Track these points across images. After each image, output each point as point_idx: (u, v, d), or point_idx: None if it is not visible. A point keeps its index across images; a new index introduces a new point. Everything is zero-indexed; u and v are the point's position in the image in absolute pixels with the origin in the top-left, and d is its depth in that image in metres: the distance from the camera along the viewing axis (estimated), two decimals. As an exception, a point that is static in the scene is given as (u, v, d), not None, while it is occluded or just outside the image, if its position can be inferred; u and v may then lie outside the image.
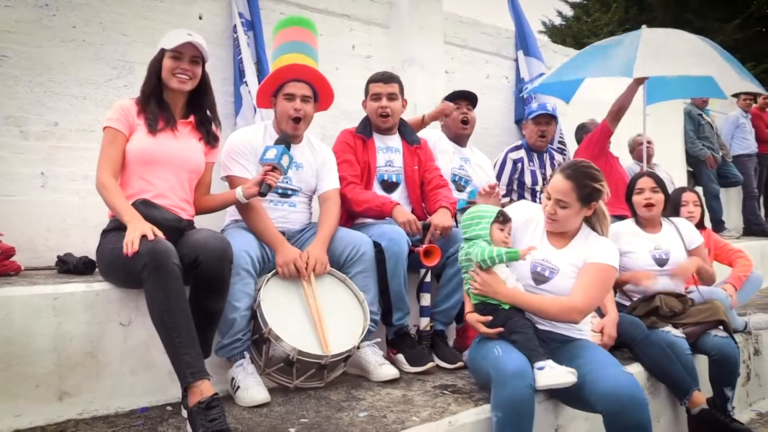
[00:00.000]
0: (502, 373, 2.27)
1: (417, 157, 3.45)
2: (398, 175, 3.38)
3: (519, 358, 2.32)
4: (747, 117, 8.05)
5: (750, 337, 3.98)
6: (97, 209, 3.36)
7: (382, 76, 3.42)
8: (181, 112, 2.72)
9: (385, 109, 3.34)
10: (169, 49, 2.60)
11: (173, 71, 2.61)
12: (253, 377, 2.53)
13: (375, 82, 3.42)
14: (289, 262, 2.72)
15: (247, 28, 4.13)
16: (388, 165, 3.38)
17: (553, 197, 2.56)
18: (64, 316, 2.35)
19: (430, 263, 2.94)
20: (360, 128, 3.41)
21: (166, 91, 2.66)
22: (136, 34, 3.79)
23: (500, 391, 2.25)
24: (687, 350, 3.13)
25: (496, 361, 2.33)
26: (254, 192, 2.67)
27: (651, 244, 3.41)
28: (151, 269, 2.15)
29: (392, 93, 3.37)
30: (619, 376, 2.30)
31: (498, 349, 2.39)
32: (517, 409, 2.22)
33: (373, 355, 2.84)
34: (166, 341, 2.15)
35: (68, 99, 3.53)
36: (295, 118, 2.96)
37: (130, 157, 2.55)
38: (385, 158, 3.39)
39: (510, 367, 2.27)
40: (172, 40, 2.60)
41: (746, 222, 8.01)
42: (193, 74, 2.65)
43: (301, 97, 2.97)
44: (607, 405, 2.24)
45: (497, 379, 2.28)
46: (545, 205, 2.61)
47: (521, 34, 6.07)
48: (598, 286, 2.52)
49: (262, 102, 3.15)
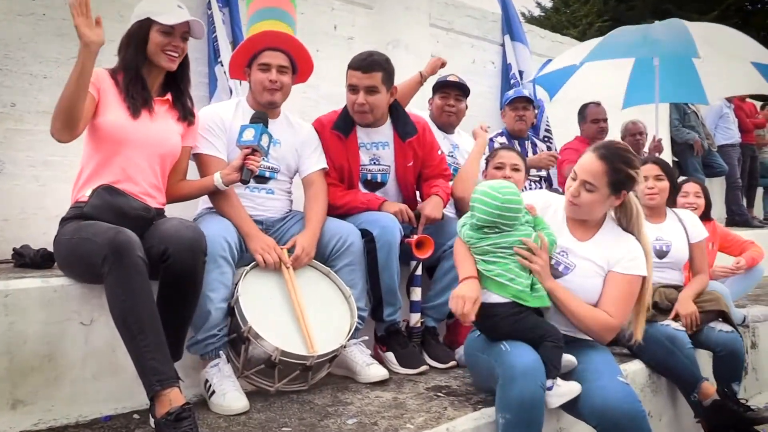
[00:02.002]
0: (510, 369, 2.06)
1: (412, 151, 3.03)
2: (384, 174, 3.03)
3: (530, 354, 2.11)
4: (730, 107, 8.06)
5: (747, 330, 3.87)
6: (59, 197, 3.13)
7: (362, 62, 2.85)
8: (157, 90, 2.48)
9: (363, 106, 2.86)
10: (162, 23, 2.34)
11: (164, 48, 2.36)
12: (230, 380, 2.31)
13: (353, 69, 2.87)
14: (270, 247, 2.51)
15: (222, 5, 3.90)
16: (373, 162, 3.01)
17: (579, 177, 2.29)
18: (16, 315, 2.11)
19: (422, 255, 2.73)
20: (339, 122, 2.96)
21: (146, 66, 2.40)
22: (103, 9, 3.46)
23: (509, 389, 2.04)
24: (688, 344, 2.98)
25: (504, 357, 2.12)
26: (235, 179, 2.44)
27: (653, 233, 3.24)
28: (112, 263, 1.93)
29: (371, 86, 2.84)
30: (613, 390, 2.12)
31: (505, 344, 2.17)
32: (528, 410, 2.03)
33: (360, 355, 2.63)
34: (129, 345, 1.92)
35: (27, 78, 3.26)
36: (270, 89, 2.71)
37: (104, 133, 2.30)
38: (368, 156, 3.01)
39: (520, 363, 2.06)
40: (163, 13, 2.35)
41: (729, 212, 7.99)
42: (182, 51, 2.42)
43: (277, 67, 2.72)
44: (599, 421, 2.09)
45: (505, 376, 2.07)
46: (569, 186, 2.36)
47: (507, 18, 5.92)
48: (630, 302, 2.32)
49: (234, 73, 2.91)
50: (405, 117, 3.04)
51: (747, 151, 8.25)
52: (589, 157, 2.30)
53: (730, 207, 7.98)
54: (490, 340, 2.27)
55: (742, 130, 8.07)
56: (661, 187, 3.24)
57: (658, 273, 3.20)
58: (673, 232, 3.26)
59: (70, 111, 2.13)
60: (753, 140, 8.37)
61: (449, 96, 3.62)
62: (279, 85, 2.72)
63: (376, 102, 2.87)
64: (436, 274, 2.97)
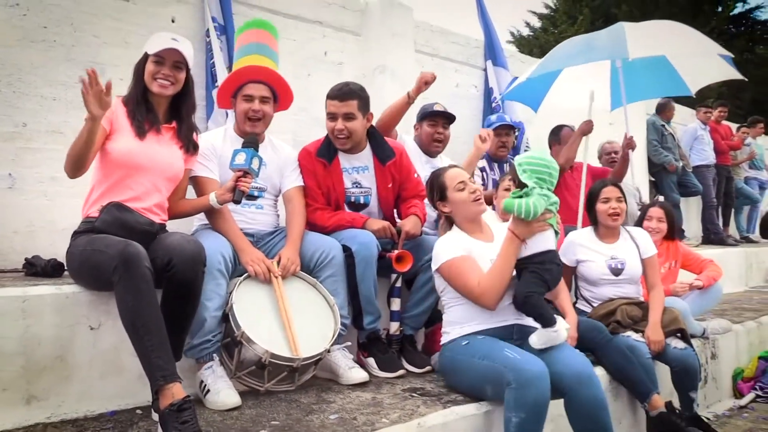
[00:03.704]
0: (525, 373, 2.33)
1: (391, 174, 3.25)
2: (366, 196, 3.26)
3: (539, 361, 2.41)
4: (705, 129, 8.30)
5: (707, 341, 4.12)
6: (66, 211, 3.37)
7: (339, 92, 3.09)
8: (164, 117, 2.72)
9: (342, 132, 3.08)
10: (151, 53, 2.60)
11: (154, 76, 2.61)
12: (223, 380, 2.54)
13: (331, 98, 3.11)
14: (259, 259, 2.75)
15: (220, 33, 4.14)
16: (355, 186, 3.23)
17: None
18: (32, 319, 2.33)
19: (401, 269, 2.98)
20: (322, 150, 3.16)
21: (151, 94, 2.65)
22: (108, 36, 3.78)
23: (524, 392, 2.31)
24: (647, 354, 3.24)
25: (516, 364, 2.38)
26: (228, 198, 2.68)
27: (608, 252, 3.51)
28: (122, 272, 2.15)
29: (349, 113, 3.07)
30: (573, 357, 2.56)
31: (509, 351, 2.45)
32: (540, 410, 2.33)
33: (343, 359, 2.87)
34: (137, 344, 2.15)
35: (37, 100, 3.50)
36: (252, 119, 2.98)
37: (113, 157, 2.53)
38: (351, 179, 3.22)
39: (535, 369, 2.35)
40: (154, 44, 2.60)
41: (705, 231, 8.26)
42: (176, 79, 2.64)
43: (260, 98, 2.99)
44: (565, 382, 2.45)
45: (519, 380, 2.33)
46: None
47: (490, 44, 6.19)
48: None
49: (222, 102, 3.17)
50: (383, 142, 3.28)
51: (722, 172, 8.50)
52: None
53: (706, 226, 8.25)
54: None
55: (718, 151, 8.32)
56: (622, 208, 3.50)
57: (614, 288, 3.49)
58: (626, 250, 3.52)
59: (79, 160, 2.40)
60: (728, 161, 8.62)
61: (437, 124, 3.87)
62: (261, 114, 2.99)
63: (354, 127, 3.10)
64: (414, 286, 3.20)
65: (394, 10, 5.24)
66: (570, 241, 3.58)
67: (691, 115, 8.87)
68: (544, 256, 2.57)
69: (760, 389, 4.28)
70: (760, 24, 18.95)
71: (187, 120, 2.76)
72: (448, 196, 2.81)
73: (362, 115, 3.14)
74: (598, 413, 2.47)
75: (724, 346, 4.30)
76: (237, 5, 4.30)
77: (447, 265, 2.67)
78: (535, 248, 2.57)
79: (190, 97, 2.77)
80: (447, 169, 2.91)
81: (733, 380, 4.43)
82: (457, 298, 2.73)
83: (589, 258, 3.51)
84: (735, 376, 4.44)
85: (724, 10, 18.04)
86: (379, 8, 5.15)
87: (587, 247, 3.54)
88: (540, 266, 2.56)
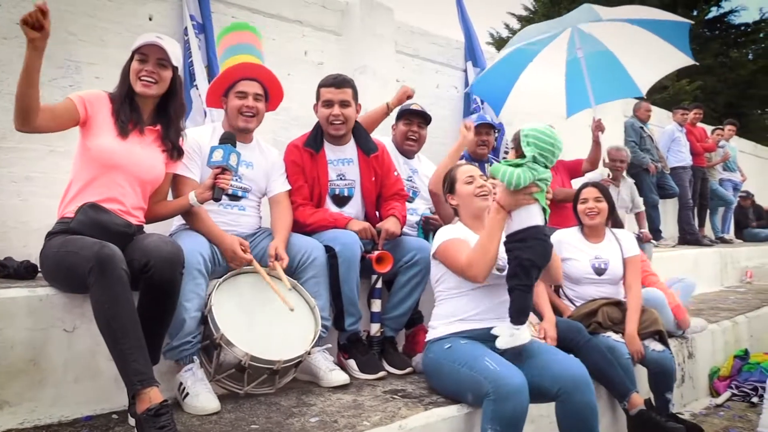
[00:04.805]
0: (504, 387, 2.32)
1: (374, 168, 3.32)
2: (350, 189, 3.28)
3: (518, 373, 2.39)
4: (682, 131, 8.39)
5: (685, 341, 4.16)
6: (39, 212, 3.29)
7: (335, 80, 3.21)
8: (149, 118, 2.67)
9: (338, 117, 3.18)
10: (134, 49, 2.55)
11: (138, 74, 2.55)
12: (203, 383, 2.50)
13: (326, 86, 3.21)
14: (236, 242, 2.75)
15: (198, 31, 4.09)
16: (340, 178, 3.27)
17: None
18: (4, 322, 2.28)
19: (381, 269, 2.97)
20: (309, 140, 3.23)
21: (136, 95, 2.60)
22: (84, 33, 3.70)
23: (502, 405, 2.30)
24: (626, 354, 3.27)
25: (494, 375, 2.37)
26: (207, 197, 2.65)
27: (592, 252, 3.55)
28: (98, 274, 2.11)
29: (345, 100, 3.19)
30: (568, 361, 2.60)
31: (489, 361, 2.43)
32: (518, 423, 2.33)
33: (323, 361, 2.85)
34: (112, 348, 2.10)
35: (9, 98, 3.35)
36: (246, 116, 2.97)
37: (93, 154, 2.48)
38: (336, 171, 3.26)
39: (513, 383, 2.33)
40: (138, 41, 2.56)
41: (681, 231, 8.36)
42: (159, 77, 2.57)
43: (254, 95, 2.99)
44: (560, 385, 2.46)
45: (498, 393, 2.32)
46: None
47: (470, 46, 6.20)
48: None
49: (212, 101, 3.14)
50: (366, 135, 3.38)
51: (698, 173, 8.61)
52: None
53: (682, 226, 8.35)
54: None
55: (693, 153, 8.43)
56: (600, 207, 3.54)
57: (596, 288, 3.52)
58: (609, 250, 3.56)
59: (19, 101, 2.27)
60: (703, 163, 8.73)
61: (412, 123, 3.85)
62: (255, 111, 2.98)
63: (349, 114, 3.21)
64: (394, 287, 3.19)
65: (375, 10, 5.23)
66: (557, 239, 3.60)
67: (667, 117, 8.98)
68: (525, 233, 2.48)
69: (735, 388, 4.34)
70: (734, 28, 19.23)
71: (175, 122, 2.71)
72: (456, 189, 2.85)
73: (355, 103, 3.26)
74: (590, 419, 2.48)
75: (701, 346, 4.36)
76: (215, 3, 4.25)
77: (443, 247, 2.69)
78: (520, 224, 2.50)
79: (178, 98, 2.71)
80: (462, 164, 2.94)
81: (709, 379, 4.50)
82: (449, 290, 2.73)
83: (573, 256, 3.56)
84: (711, 375, 4.50)
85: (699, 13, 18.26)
86: (360, 8, 5.12)
87: (573, 245, 3.60)
88: (520, 244, 2.48)
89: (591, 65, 4.61)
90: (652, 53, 4.56)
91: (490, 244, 2.51)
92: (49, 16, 2.16)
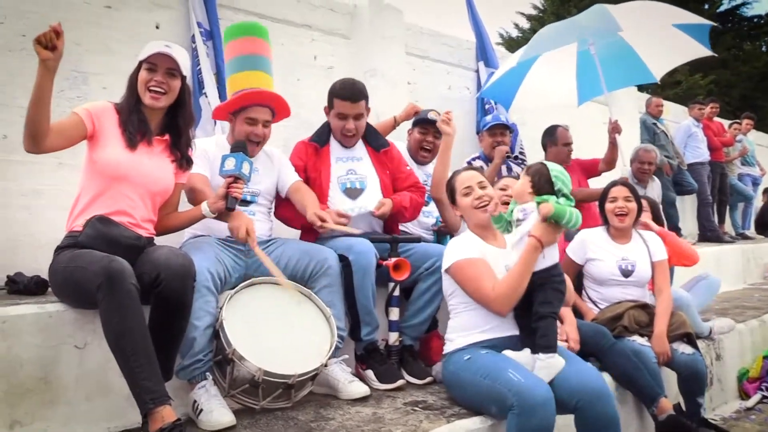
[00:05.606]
0: (529, 400, 2.24)
1: (385, 163, 3.36)
2: (362, 182, 3.26)
3: (544, 385, 2.32)
4: (699, 126, 8.25)
5: (713, 342, 4.04)
6: (48, 226, 3.24)
7: (351, 95, 3.19)
8: (157, 128, 2.60)
9: (351, 131, 3.23)
10: (143, 59, 2.49)
11: (147, 84, 2.49)
12: (217, 399, 2.43)
13: (342, 99, 3.20)
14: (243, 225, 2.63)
15: (206, 38, 4.04)
16: (350, 173, 3.28)
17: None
18: (13, 340, 2.22)
19: (399, 277, 2.89)
20: (315, 136, 3.31)
21: (144, 105, 2.54)
22: (90, 43, 3.66)
23: (527, 418, 2.22)
24: (653, 358, 3.16)
25: (519, 387, 2.28)
26: (221, 207, 2.58)
27: (619, 253, 3.44)
28: (106, 290, 2.05)
29: (359, 113, 3.23)
30: (587, 372, 2.49)
31: (513, 372, 2.34)
32: None
33: (341, 373, 2.77)
34: (123, 365, 2.04)
35: (18, 110, 3.33)
36: (255, 141, 2.95)
37: (100, 167, 2.43)
38: (345, 167, 3.28)
39: (539, 395, 2.25)
40: (146, 51, 2.50)
41: (701, 228, 8.21)
42: (169, 87, 2.51)
43: (263, 122, 2.97)
44: (579, 397, 2.36)
45: (523, 406, 2.23)
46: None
47: (481, 46, 6.12)
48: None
49: (219, 116, 3.12)
50: (375, 132, 3.44)
51: (716, 169, 8.46)
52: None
53: (701, 223, 8.20)
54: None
55: (711, 148, 8.29)
56: (630, 207, 3.42)
57: (621, 290, 3.41)
58: (637, 252, 3.44)
59: (30, 123, 2.24)
60: (722, 158, 8.59)
61: (428, 132, 3.78)
62: (263, 137, 2.97)
63: (362, 125, 3.29)
64: (413, 295, 3.11)
65: (384, 12, 5.16)
66: (581, 239, 3.52)
67: (683, 112, 8.84)
68: (557, 269, 2.53)
69: (766, 390, 4.21)
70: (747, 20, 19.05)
71: (185, 133, 2.65)
72: (456, 200, 2.80)
73: (367, 112, 3.32)
74: (610, 430, 2.38)
75: (729, 347, 4.23)
76: (223, 10, 4.20)
77: (459, 266, 2.60)
78: (550, 260, 2.52)
79: (187, 108, 2.65)
80: (460, 171, 2.87)
81: (738, 381, 4.36)
82: (465, 304, 2.64)
83: (599, 257, 3.45)
84: (740, 377, 4.37)
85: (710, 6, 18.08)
86: (369, 11, 5.06)
87: (598, 245, 3.48)
88: (558, 278, 2.51)
89: (603, 53, 4.53)
90: (668, 40, 4.47)
91: (523, 282, 2.47)
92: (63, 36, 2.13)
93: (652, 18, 4.42)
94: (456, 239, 2.77)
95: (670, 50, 4.60)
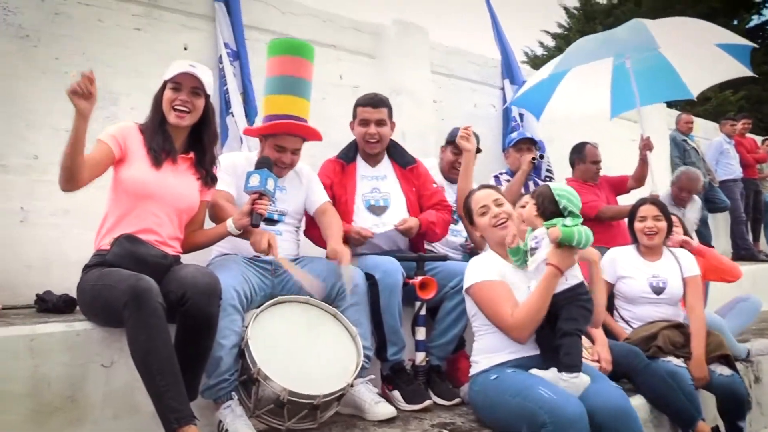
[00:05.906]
0: (562, 417, 2.18)
1: (412, 180, 3.36)
2: (386, 200, 3.28)
3: (576, 401, 2.26)
4: (731, 143, 8.12)
5: (751, 365, 3.91)
6: (78, 244, 3.27)
7: (371, 100, 3.30)
8: (182, 146, 2.63)
9: (373, 136, 3.26)
10: (168, 79, 2.52)
11: (172, 104, 2.52)
12: (242, 420, 2.40)
13: (363, 106, 3.31)
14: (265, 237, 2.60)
15: (233, 59, 4.09)
16: (375, 191, 3.30)
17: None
18: (41, 358, 2.23)
19: (425, 296, 2.85)
20: (342, 154, 3.36)
21: (168, 124, 2.56)
22: (120, 65, 3.72)
23: None
24: (689, 380, 3.06)
25: (551, 404, 2.22)
26: (245, 223, 2.58)
27: (650, 271, 3.36)
28: (133, 308, 2.05)
29: (381, 119, 3.27)
30: (610, 391, 2.42)
31: (544, 389, 2.28)
32: None
33: (368, 393, 2.72)
34: (149, 385, 2.04)
35: (49, 131, 3.43)
36: (283, 167, 2.96)
37: (126, 186, 2.46)
38: (371, 185, 3.31)
39: (573, 412, 2.20)
40: (171, 71, 2.53)
41: (735, 246, 8.03)
42: (193, 107, 2.54)
43: (292, 150, 2.97)
44: (601, 418, 2.28)
45: (556, 423, 2.17)
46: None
47: (507, 63, 6.09)
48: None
49: (249, 132, 3.19)
50: (402, 150, 3.47)
51: (750, 186, 8.31)
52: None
53: (735, 241, 8.03)
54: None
55: (744, 165, 8.15)
56: (660, 227, 3.36)
57: (654, 308, 3.32)
58: (668, 269, 3.36)
59: (68, 168, 2.29)
60: (755, 175, 8.43)
61: (461, 154, 3.73)
62: (290, 163, 2.98)
63: (384, 132, 3.30)
64: (439, 314, 3.07)
65: (409, 31, 5.19)
66: (612, 257, 3.46)
67: (714, 128, 8.69)
68: (583, 287, 2.47)
69: (808, 414, 4.04)
70: (777, 36, 18.72)
71: (209, 150, 2.67)
72: (474, 221, 2.76)
73: (390, 122, 3.33)
74: None
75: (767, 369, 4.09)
76: (249, 30, 4.25)
77: (478, 287, 2.55)
78: (573, 279, 2.46)
79: (211, 126, 2.68)
80: (475, 191, 2.83)
81: (778, 405, 4.20)
82: (488, 326, 2.59)
83: (629, 275, 3.38)
84: (780, 401, 4.20)
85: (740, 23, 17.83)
86: (394, 30, 5.10)
87: (629, 263, 3.43)
88: (584, 296, 2.45)
89: (638, 67, 4.46)
90: (708, 58, 4.40)
91: (542, 310, 2.41)
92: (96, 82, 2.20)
93: (694, 35, 4.36)
94: (476, 259, 2.73)
95: (710, 68, 4.53)
